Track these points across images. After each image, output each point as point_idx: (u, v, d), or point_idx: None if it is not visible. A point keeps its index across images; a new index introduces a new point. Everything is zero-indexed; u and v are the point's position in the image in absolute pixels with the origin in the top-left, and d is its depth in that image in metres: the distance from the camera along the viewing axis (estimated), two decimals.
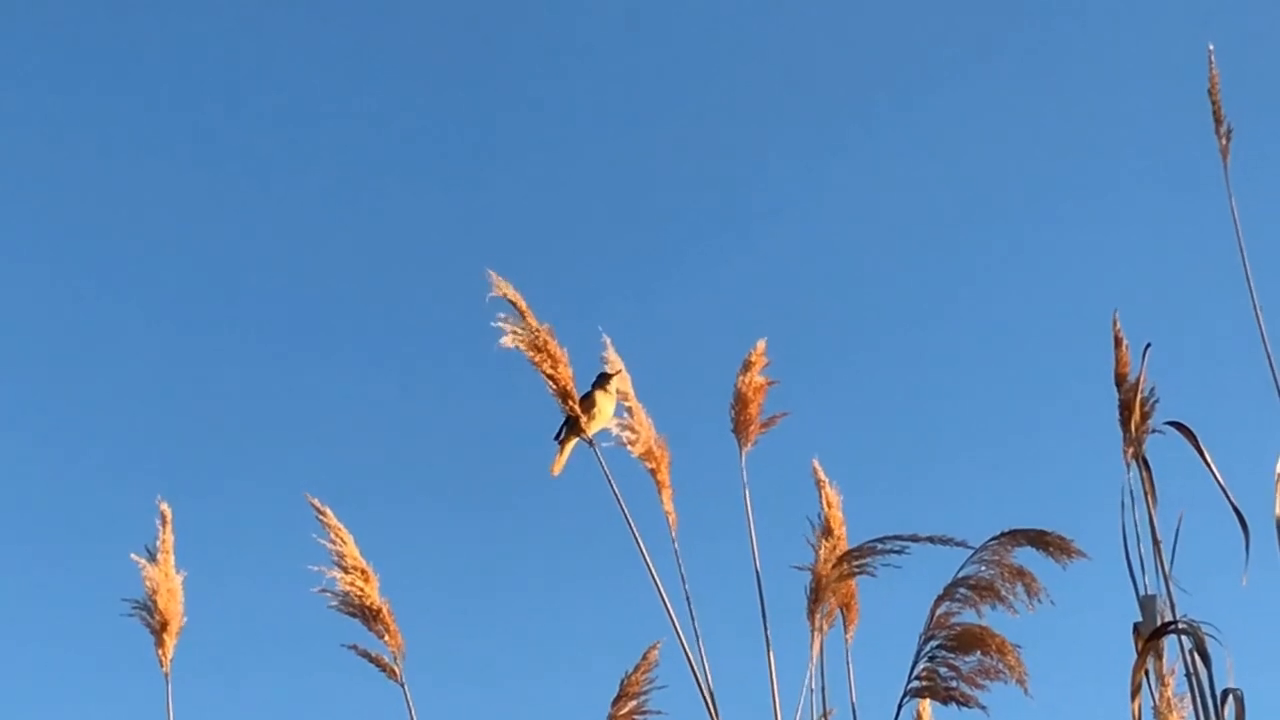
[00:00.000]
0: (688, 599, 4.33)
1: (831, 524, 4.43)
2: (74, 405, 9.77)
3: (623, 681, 4.69)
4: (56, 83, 10.23)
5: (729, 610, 4.65)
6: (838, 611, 4.45)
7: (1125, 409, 4.26)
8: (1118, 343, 4.34)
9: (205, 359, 9.91)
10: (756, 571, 4.44)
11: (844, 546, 4.39)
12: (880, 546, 3.41)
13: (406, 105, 10.42)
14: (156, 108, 10.25)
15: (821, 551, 4.43)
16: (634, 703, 4.67)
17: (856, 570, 3.45)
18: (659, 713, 4.63)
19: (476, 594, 8.48)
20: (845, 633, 4.41)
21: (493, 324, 4.26)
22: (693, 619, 4.31)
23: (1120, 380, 4.30)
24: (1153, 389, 4.26)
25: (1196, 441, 3.61)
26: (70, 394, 9.77)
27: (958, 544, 3.31)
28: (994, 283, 9.45)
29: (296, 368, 9.93)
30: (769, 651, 4.36)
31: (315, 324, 10.10)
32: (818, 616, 4.43)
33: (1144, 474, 3.72)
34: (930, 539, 3.33)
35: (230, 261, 10.24)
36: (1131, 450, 4.22)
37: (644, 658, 4.68)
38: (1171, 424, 3.72)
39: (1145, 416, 4.24)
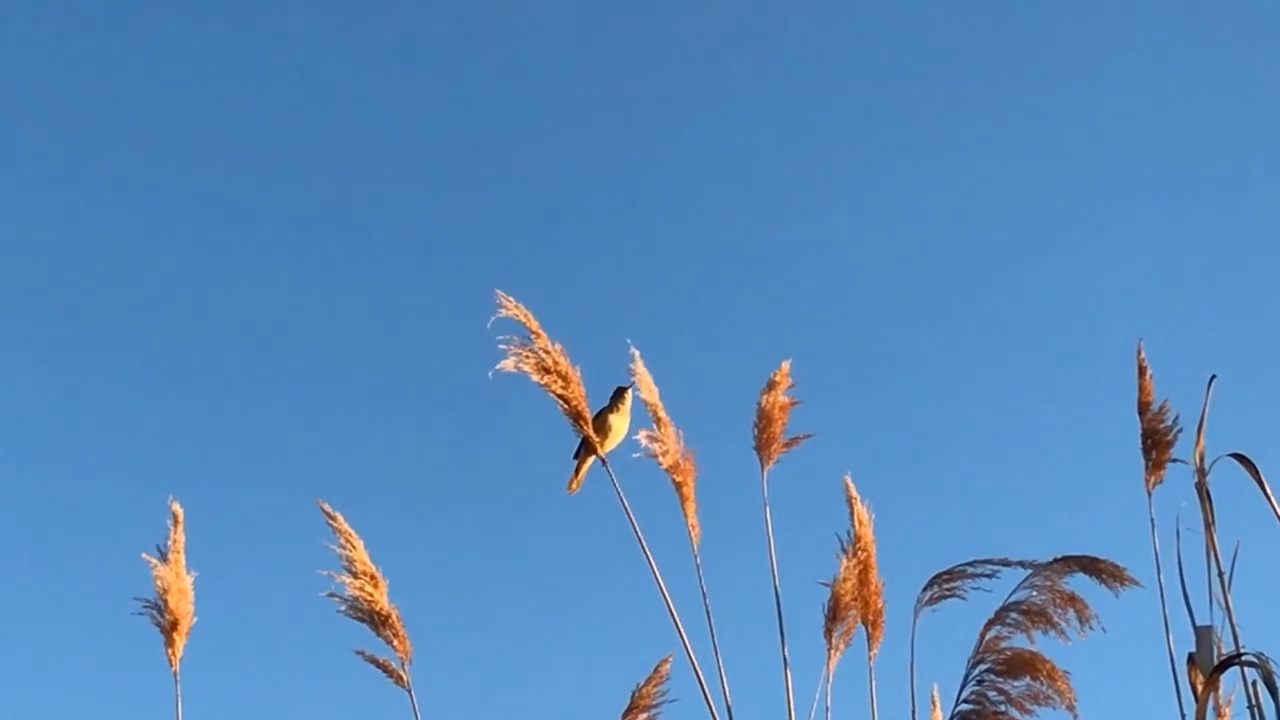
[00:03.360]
0: (708, 614, 4.32)
1: (860, 541, 4.43)
2: (85, 405, 9.70)
3: (634, 694, 4.69)
4: (60, 75, 10.17)
5: (749, 627, 4.67)
6: (857, 629, 4.45)
7: (1149, 438, 4.33)
8: (1141, 371, 4.41)
9: (221, 361, 9.86)
10: (776, 589, 4.45)
11: (873, 564, 4.40)
12: (971, 570, 3.43)
13: (434, 121, 10.41)
14: (167, 109, 10.21)
15: (843, 569, 4.44)
16: (644, 715, 4.67)
17: (946, 593, 3.47)
18: None
19: (491, 603, 8.48)
20: (870, 650, 4.41)
21: (498, 347, 4.24)
22: (712, 634, 4.30)
23: (1143, 409, 4.36)
24: (1176, 417, 4.33)
25: (1257, 473, 3.66)
26: (82, 393, 9.70)
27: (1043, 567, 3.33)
28: (1027, 307, 9.52)
29: (312, 374, 9.89)
30: (786, 669, 4.37)
31: (333, 330, 10.07)
32: (835, 635, 4.45)
33: (1204, 505, 3.76)
34: (1020, 564, 3.36)
35: (243, 259, 10.22)
36: (1154, 479, 4.28)
37: (656, 670, 4.68)
38: (1234, 455, 3.78)
39: (1168, 445, 4.30)
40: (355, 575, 4.58)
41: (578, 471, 4.73)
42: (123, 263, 10.16)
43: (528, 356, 4.27)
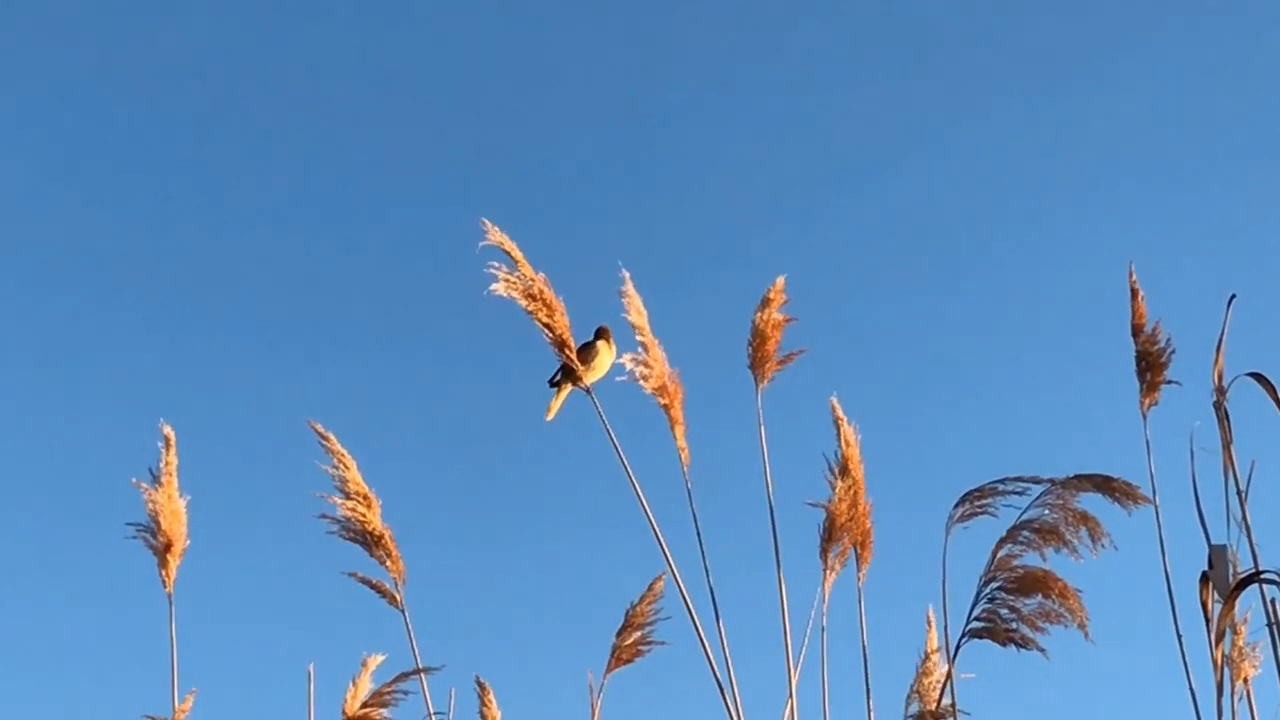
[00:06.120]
0: (699, 536, 4.32)
1: (849, 462, 4.46)
2: (79, 331, 9.65)
3: (628, 612, 4.72)
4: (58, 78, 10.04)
5: (743, 548, 4.69)
6: (851, 550, 4.48)
7: (1142, 360, 4.36)
8: (1134, 294, 4.42)
9: (211, 290, 9.83)
10: (771, 509, 4.45)
11: (861, 485, 4.43)
12: (1002, 487, 3.44)
13: (427, 70, 10.31)
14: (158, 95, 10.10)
15: (837, 490, 4.47)
16: (639, 633, 4.71)
17: (978, 510, 3.48)
18: (664, 643, 4.68)
19: (483, 528, 8.49)
20: (859, 571, 4.44)
21: (485, 270, 4.23)
22: (704, 557, 4.29)
23: (1137, 332, 4.38)
24: (1169, 339, 4.36)
25: (1276, 393, 3.69)
26: (77, 319, 9.65)
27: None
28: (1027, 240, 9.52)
29: (304, 306, 9.86)
30: (781, 589, 4.38)
31: (328, 264, 10.05)
32: (830, 555, 4.47)
33: (1223, 425, 3.79)
34: (1052, 481, 3.38)
35: (238, 194, 10.15)
36: (1148, 401, 4.32)
37: (649, 589, 4.71)
38: (1251, 375, 3.81)
39: (1162, 367, 4.34)
40: (348, 496, 4.57)
41: (554, 399, 4.72)
42: (118, 191, 10.11)
43: (515, 282, 4.26)
